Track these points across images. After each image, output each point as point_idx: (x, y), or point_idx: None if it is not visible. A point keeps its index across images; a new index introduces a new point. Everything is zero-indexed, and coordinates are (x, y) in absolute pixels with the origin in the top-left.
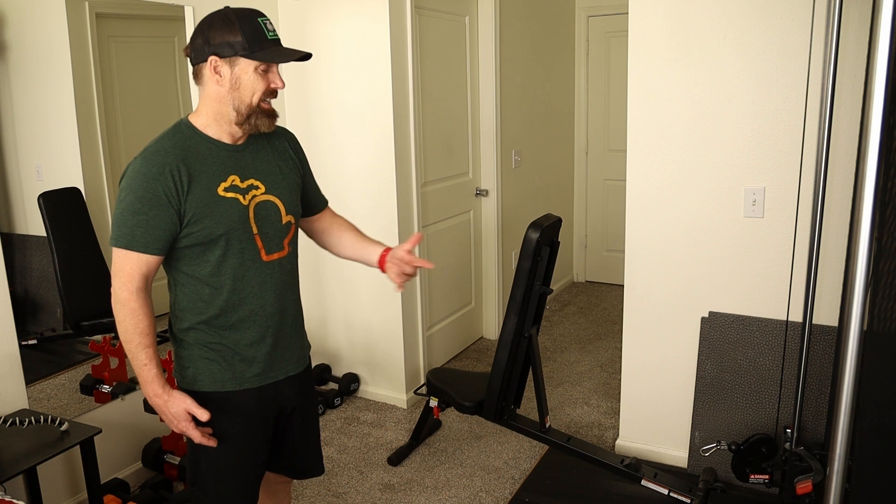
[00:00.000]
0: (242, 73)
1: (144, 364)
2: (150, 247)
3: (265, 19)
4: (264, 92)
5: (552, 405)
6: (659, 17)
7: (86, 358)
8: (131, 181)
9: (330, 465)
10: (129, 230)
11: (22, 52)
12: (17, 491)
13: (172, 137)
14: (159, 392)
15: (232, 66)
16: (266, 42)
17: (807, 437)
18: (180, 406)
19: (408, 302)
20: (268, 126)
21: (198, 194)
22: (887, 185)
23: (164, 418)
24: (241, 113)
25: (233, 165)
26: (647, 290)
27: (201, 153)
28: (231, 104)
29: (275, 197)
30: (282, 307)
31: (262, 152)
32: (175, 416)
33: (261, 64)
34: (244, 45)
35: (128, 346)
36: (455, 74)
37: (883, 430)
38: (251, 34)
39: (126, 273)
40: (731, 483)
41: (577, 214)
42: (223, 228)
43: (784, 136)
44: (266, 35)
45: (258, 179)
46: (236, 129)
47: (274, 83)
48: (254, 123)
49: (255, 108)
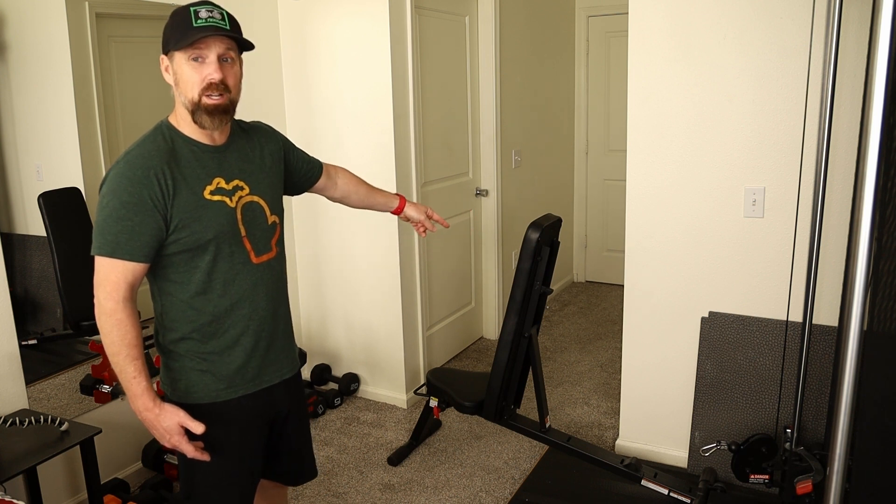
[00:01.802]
0: (178, 68)
1: (133, 377)
2: (136, 254)
3: (200, 7)
4: (200, 85)
5: (552, 405)
6: (659, 17)
7: (86, 358)
8: (115, 186)
9: (330, 465)
10: (113, 237)
11: (22, 52)
12: (17, 491)
13: (155, 140)
14: (150, 406)
15: (171, 62)
16: (190, 29)
17: (807, 437)
18: (173, 419)
19: (408, 302)
20: (210, 124)
21: (184, 199)
22: (887, 185)
23: (155, 433)
24: (190, 111)
25: (216, 167)
26: (647, 290)
27: (184, 156)
28: (181, 102)
29: (259, 197)
30: (274, 310)
31: (244, 151)
32: (167, 430)
33: (191, 54)
34: (173, 38)
35: (114, 358)
36: (455, 74)
37: (883, 430)
38: (179, 24)
39: (111, 282)
40: (731, 483)
41: (577, 214)
42: (212, 233)
43: (784, 136)
44: (192, 21)
45: (242, 180)
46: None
47: (207, 74)
48: (198, 121)
49: (197, 103)
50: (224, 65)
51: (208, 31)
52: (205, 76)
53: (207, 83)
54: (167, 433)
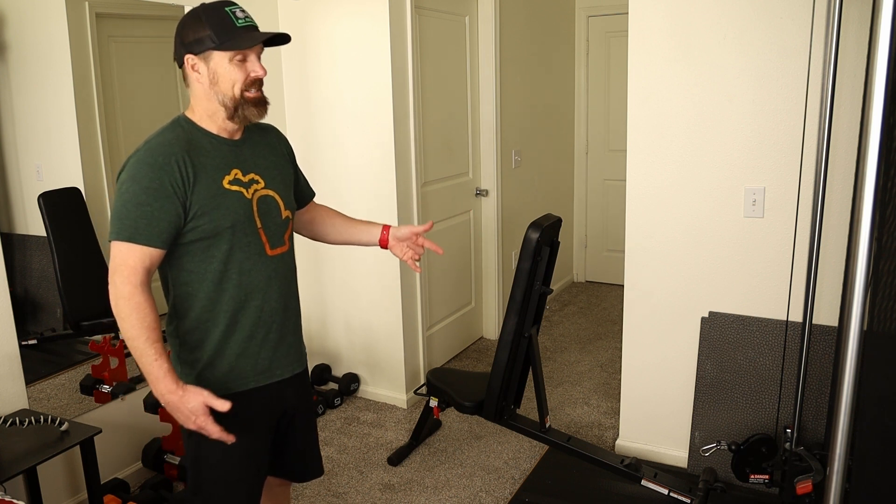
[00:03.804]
0: (218, 67)
1: (154, 359)
2: (155, 239)
3: (234, 7)
4: (244, 82)
5: (552, 405)
6: (659, 17)
7: (86, 358)
8: (134, 172)
9: (330, 465)
10: (132, 222)
11: (22, 52)
12: (17, 491)
13: (174, 131)
14: (173, 388)
15: (207, 62)
16: (235, 30)
17: (807, 437)
18: (197, 399)
19: (408, 302)
20: (257, 115)
21: (204, 186)
22: (887, 185)
23: (179, 415)
24: (229, 107)
25: (234, 159)
26: (647, 290)
27: (203, 146)
28: (216, 100)
29: (273, 192)
30: (285, 303)
31: (258, 147)
32: (192, 411)
33: (235, 53)
34: (213, 38)
35: (134, 343)
36: (455, 74)
37: (883, 430)
38: (219, 25)
39: (129, 267)
40: (731, 483)
41: (577, 214)
42: (230, 221)
43: (784, 136)
44: (234, 23)
45: (257, 174)
46: (230, 123)
47: (253, 71)
48: (242, 115)
49: (240, 99)
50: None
51: (256, 34)
52: (249, 73)
53: (253, 79)
54: (192, 414)
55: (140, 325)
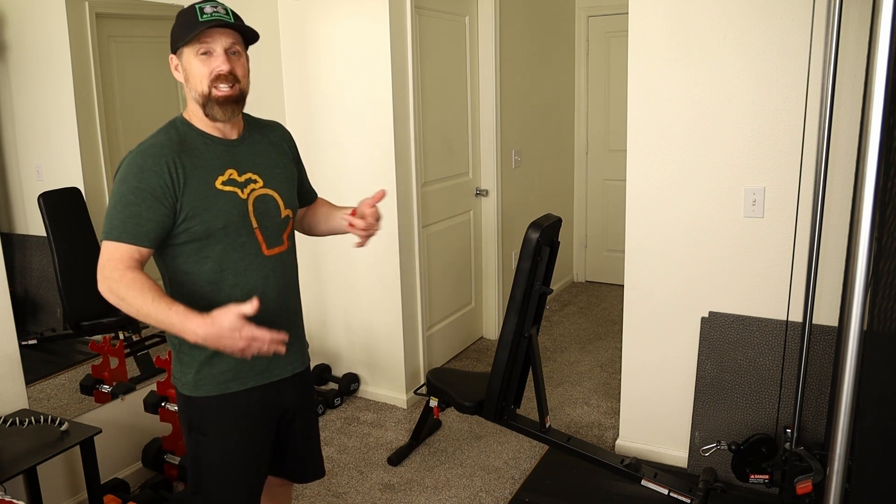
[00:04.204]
0: (187, 63)
1: (169, 308)
2: (142, 239)
3: (205, 4)
4: (210, 77)
5: (552, 405)
6: (659, 17)
7: (86, 358)
8: (125, 173)
9: (330, 465)
10: (120, 222)
11: (22, 52)
12: (17, 491)
13: (168, 133)
14: (201, 322)
15: (181, 59)
16: (196, 24)
17: (807, 437)
18: (230, 315)
19: (408, 302)
20: (222, 115)
21: (194, 189)
22: (887, 185)
23: (224, 343)
24: (200, 104)
25: (230, 160)
26: (647, 290)
27: (197, 148)
28: (192, 97)
29: (273, 191)
30: (284, 303)
31: (258, 146)
32: (232, 328)
33: (199, 48)
34: (181, 35)
35: (143, 310)
36: (455, 74)
37: (883, 430)
38: (185, 22)
39: (115, 259)
40: (731, 483)
41: (577, 214)
42: (222, 222)
43: (784, 136)
44: (198, 18)
45: (256, 173)
46: (217, 122)
47: (217, 66)
48: (210, 113)
49: (207, 96)
50: (231, 57)
51: (213, 23)
52: (213, 68)
53: (216, 75)
54: (235, 331)
55: (140, 290)
